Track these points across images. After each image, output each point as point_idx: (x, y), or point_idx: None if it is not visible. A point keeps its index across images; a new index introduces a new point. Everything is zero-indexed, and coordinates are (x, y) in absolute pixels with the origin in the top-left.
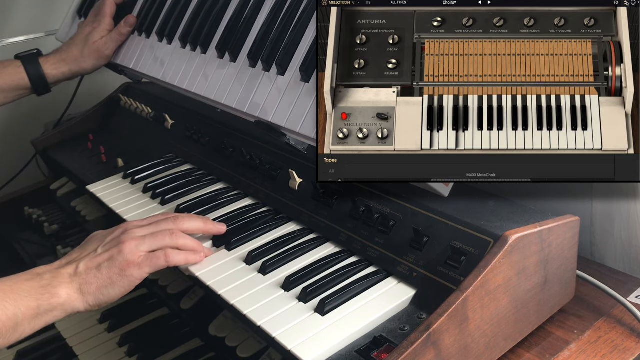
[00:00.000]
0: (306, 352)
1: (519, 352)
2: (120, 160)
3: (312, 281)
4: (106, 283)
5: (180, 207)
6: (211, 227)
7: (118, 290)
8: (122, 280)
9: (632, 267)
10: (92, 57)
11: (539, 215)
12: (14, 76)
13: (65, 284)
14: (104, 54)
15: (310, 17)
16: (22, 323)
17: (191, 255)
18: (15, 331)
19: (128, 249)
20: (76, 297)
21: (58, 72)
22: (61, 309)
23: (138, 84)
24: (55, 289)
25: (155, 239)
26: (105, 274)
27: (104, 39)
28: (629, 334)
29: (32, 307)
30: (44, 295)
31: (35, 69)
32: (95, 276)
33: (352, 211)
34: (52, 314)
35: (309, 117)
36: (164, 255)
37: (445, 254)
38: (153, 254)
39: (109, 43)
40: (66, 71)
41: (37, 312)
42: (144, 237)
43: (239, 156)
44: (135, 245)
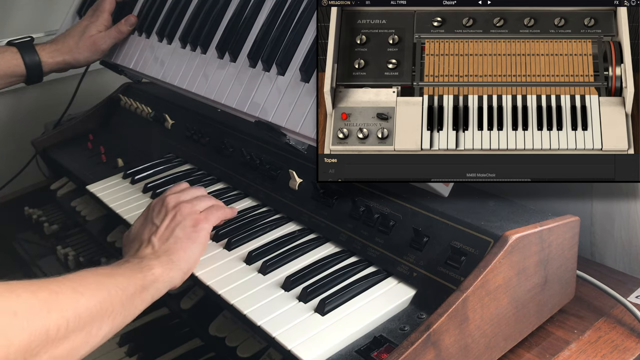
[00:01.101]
0: (306, 352)
1: (519, 352)
2: (120, 160)
3: (312, 281)
4: (188, 243)
5: None
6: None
7: (199, 247)
8: (198, 237)
9: (632, 267)
10: (87, 50)
11: (539, 215)
12: (10, 62)
13: (154, 259)
14: (99, 48)
15: (310, 17)
16: (135, 294)
17: (228, 210)
18: (132, 303)
19: (187, 210)
20: (170, 267)
21: (53, 61)
22: (162, 281)
23: (138, 84)
24: (150, 263)
25: (201, 201)
26: (183, 235)
27: (102, 34)
28: (629, 334)
29: (139, 277)
30: (144, 268)
31: (32, 57)
32: (175, 242)
33: (352, 211)
34: (155, 287)
35: (309, 117)
36: (219, 208)
37: (445, 254)
38: (209, 209)
39: (106, 38)
40: (61, 61)
41: (144, 283)
42: (192, 201)
43: (239, 156)
44: (190, 206)
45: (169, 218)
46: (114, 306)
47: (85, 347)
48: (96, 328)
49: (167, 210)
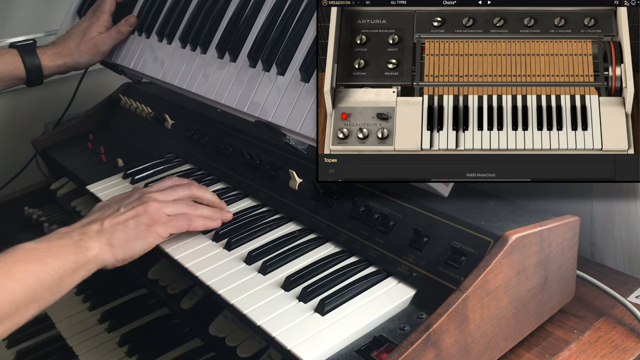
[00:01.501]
0: (306, 352)
1: (519, 352)
2: (120, 160)
3: (312, 281)
4: (133, 237)
5: None
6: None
7: (143, 245)
8: (148, 236)
9: (632, 267)
10: (88, 52)
11: (539, 215)
12: (10, 65)
13: (94, 238)
14: (100, 50)
15: (310, 17)
16: (65, 276)
17: (209, 221)
18: (61, 284)
19: (153, 208)
20: (106, 249)
21: (54, 64)
22: (94, 262)
23: (138, 84)
24: (87, 243)
25: (177, 205)
26: (132, 229)
27: (102, 36)
28: (629, 334)
29: (71, 260)
30: (79, 249)
31: (33, 60)
32: (122, 231)
33: (352, 211)
34: (87, 267)
35: (309, 117)
36: (187, 219)
37: (445, 254)
38: (177, 217)
39: (107, 40)
40: (62, 64)
41: (76, 265)
42: (166, 202)
43: (239, 156)
44: (158, 207)
45: (133, 209)
46: (42, 292)
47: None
48: (21, 315)
49: (138, 202)
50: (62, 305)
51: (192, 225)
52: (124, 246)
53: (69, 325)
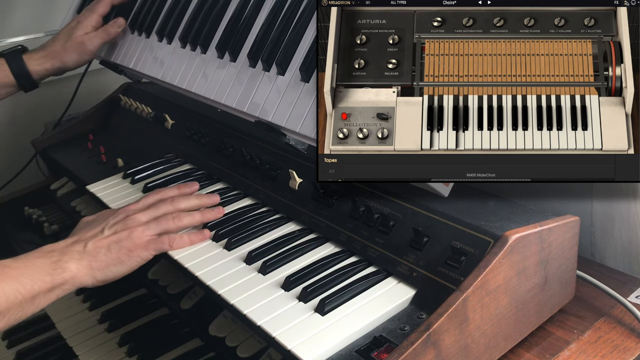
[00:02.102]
0: (306, 352)
1: (519, 352)
2: (120, 160)
3: (312, 281)
4: (115, 262)
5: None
6: (206, 201)
7: (125, 269)
8: (130, 261)
9: (632, 267)
10: (75, 52)
11: (539, 215)
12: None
13: (75, 260)
14: (87, 49)
15: (310, 17)
16: (38, 296)
17: (193, 235)
18: (32, 303)
19: (135, 234)
20: (85, 272)
21: (42, 68)
22: (71, 283)
23: (138, 84)
24: (66, 264)
25: (159, 224)
26: (115, 254)
27: (89, 35)
28: (629, 334)
29: (46, 281)
30: (56, 270)
31: (19, 66)
32: (105, 255)
33: (352, 211)
34: (63, 287)
35: (309, 117)
36: (169, 240)
37: (445, 254)
38: (159, 239)
39: (94, 39)
40: (49, 67)
41: (52, 285)
42: (149, 223)
43: (239, 156)
44: (141, 230)
45: (115, 234)
46: (10, 308)
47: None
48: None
49: (121, 226)
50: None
51: (174, 245)
52: (105, 269)
53: (69, 325)
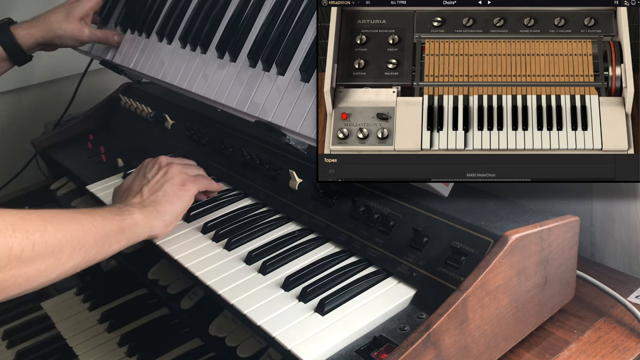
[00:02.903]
0: (306, 352)
1: (519, 352)
2: (120, 160)
3: (312, 281)
4: (174, 199)
5: None
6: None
7: (184, 205)
8: (185, 194)
9: (632, 267)
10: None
11: (539, 215)
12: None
13: (138, 210)
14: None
15: (310, 17)
16: (110, 235)
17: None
18: (105, 243)
19: (177, 171)
20: (154, 215)
21: (31, 37)
22: (142, 226)
23: (138, 84)
24: (129, 211)
25: (190, 168)
26: (171, 191)
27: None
28: (629, 334)
29: (116, 219)
30: (122, 213)
31: (7, 36)
32: (163, 195)
33: (352, 211)
34: (134, 231)
35: (309, 117)
36: (206, 179)
37: (445, 254)
38: (197, 177)
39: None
40: (39, 37)
41: (122, 225)
42: (183, 166)
43: (239, 156)
44: (181, 167)
45: (160, 173)
46: (86, 239)
47: (55, 272)
48: (66, 256)
49: (159, 167)
50: (62, 305)
51: (212, 184)
52: (170, 209)
53: (69, 325)
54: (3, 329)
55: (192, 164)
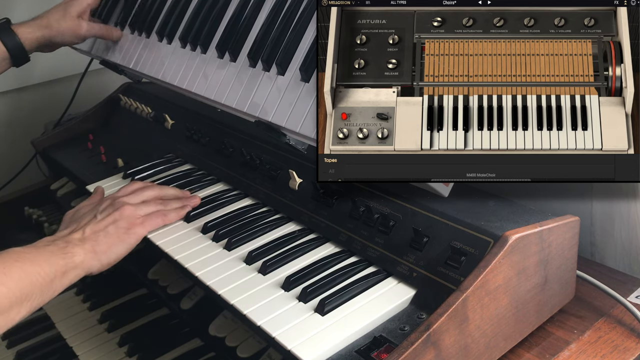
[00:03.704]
0: (306, 352)
1: (519, 352)
2: (120, 160)
3: (312, 281)
4: (116, 242)
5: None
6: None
7: (126, 248)
8: (129, 239)
9: (632, 267)
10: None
11: (539, 215)
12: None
13: (79, 246)
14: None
15: (310, 17)
16: (55, 279)
17: (181, 210)
18: (51, 287)
19: (128, 212)
20: (91, 256)
21: (32, 36)
22: (81, 267)
23: (138, 84)
24: (73, 250)
25: (148, 206)
26: (114, 234)
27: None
28: (629, 334)
29: (60, 264)
30: (66, 254)
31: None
32: (104, 237)
33: (352, 211)
34: (75, 272)
35: (309, 117)
36: (162, 214)
37: (445, 254)
38: (151, 215)
39: (92, 29)
40: (40, 36)
41: (65, 268)
42: (138, 204)
43: (239, 156)
44: (133, 210)
45: (110, 216)
46: (34, 292)
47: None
48: (14, 312)
49: (112, 209)
50: (62, 305)
51: (167, 219)
52: (108, 251)
53: (69, 325)
54: None
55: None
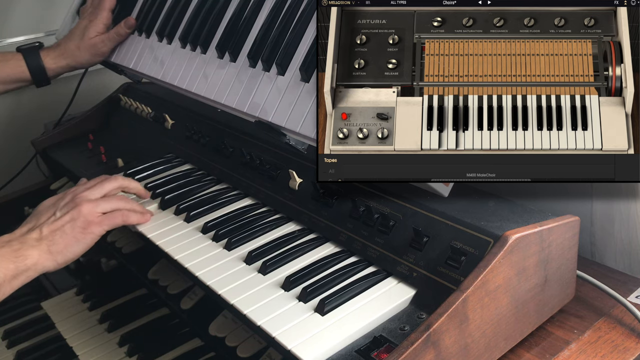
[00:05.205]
0: (306, 352)
1: (519, 352)
2: (120, 160)
3: (312, 281)
4: (72, 242)
5: (180, 207)
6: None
7: (82, 247)
8: (85, 238)
9: (632, 267)
10: (88, 53)
11: (539, 215)
12: (15, 69)
13: (34, 247)
14: (100, 51)
15: (310, 17)
16: (3, 284)
17: (140, 216)
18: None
19: (86, 210)
20: (46, 257)
21: (57, 66)
22: (34, 269)
23: (138, 84)
24: (27, 252)
25: (109, 201)
26: (70, 233)
27: (101, 37)
28: (629, 334)
29: (10, 268)
30: (18, 258)
31: (37, 63)
32: (61, 237)
33: (352, 211)
34: (26, 274)
35: (309, 117)
36: (121, 215)
37: (445, 254)
38: (111, 214)
39: (106, 42)
40: (64, 65)
41: (15, 272)
42: (98, 200)
43: (239, 156)
44: (92, 207)
45: (67, 214)
46: None
47: None
48: None
49: (72, 205)
50: (62, 305)
51: (128, 220)
52: (64, 251)
53: (69, 325)
54: (3, 329)
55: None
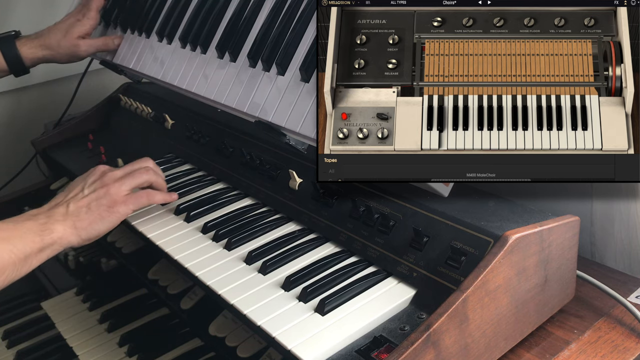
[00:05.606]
0: (306, 352)
1: (519, 352)
2: (120, 160)
3: (312, 281)
4: (97, 219)
5: (180, 207)
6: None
7: (107, 225)
8: (110, 216)
9: (632, 267)
10: (68, 52)
11: (539, 215)
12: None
13: (60, 221)
14: (78, 54)
15: (310, 17)
16: (30, 256)
17: (167, 195)
18: (25, 263)
19: (113, 189)
20: (71, 232)
21: (35, 56)
22: (59, 243)
23: (138, 84)
24: (53, 226)
25: (134, 177)
26: (96, 211)
27: (85, 41)
28: (629, 334)
29: (36, 241)
30: (44, 231)
31: (12, 52)
32: (86, 213)
33: (352, 211)
34: (52, 248)
35: (309, 117)
36: (146, 194)
37: (445, 254)
38: (136, 194)
39: (90, 48)
40: (41, 56)
41: (42, 245)
42: (124, 178)
43: (239, 156)
44: (118, 186)
45: (94, 192)
46: (6, 267)
47: None
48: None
49: (99, 184)
50: (62, 305)
51: (153, 200)
52: (89, 228)
53: (69, 326)
54: (3, 329)
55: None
